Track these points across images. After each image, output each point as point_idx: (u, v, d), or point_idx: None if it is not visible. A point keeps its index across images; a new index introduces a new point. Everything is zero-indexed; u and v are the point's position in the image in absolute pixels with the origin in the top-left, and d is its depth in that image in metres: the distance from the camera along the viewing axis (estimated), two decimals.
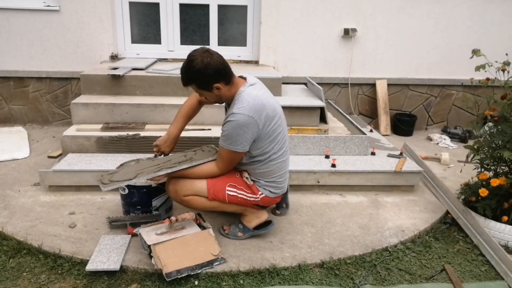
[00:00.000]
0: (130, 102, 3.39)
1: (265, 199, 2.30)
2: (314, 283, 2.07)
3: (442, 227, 2.65)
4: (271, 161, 2.21)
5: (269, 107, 2.11)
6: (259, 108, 2.06)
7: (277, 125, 2.15)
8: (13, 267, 2.12)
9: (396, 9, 4.37)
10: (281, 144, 2.21)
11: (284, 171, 2.30)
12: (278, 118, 2.16)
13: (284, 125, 2.25)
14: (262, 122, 2.07)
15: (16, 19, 4.07)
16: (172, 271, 2.00)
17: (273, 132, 2.14)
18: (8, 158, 3.43)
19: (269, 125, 2.10)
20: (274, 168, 2.24)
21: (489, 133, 2.62)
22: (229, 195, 2.24)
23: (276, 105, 2.18)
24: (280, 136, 2.19)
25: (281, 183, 2.32)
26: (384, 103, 4.54)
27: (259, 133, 2.08)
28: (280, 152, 2.22)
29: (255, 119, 2.04)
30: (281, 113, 2.22)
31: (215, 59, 2.07)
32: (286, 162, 2.31)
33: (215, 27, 4.42)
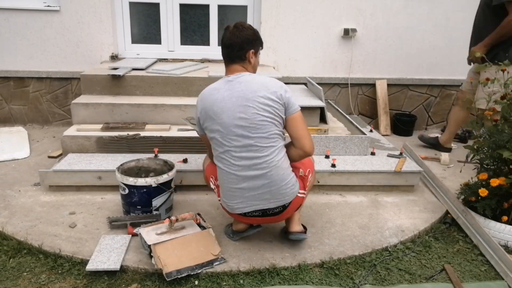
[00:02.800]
0: (130, 102, 3.39)
1: (223, 207, 2.23)
2: (314, 283, 2.07)
3: (442, 227, 2.65)
4: (216, 162, 2.14)
5: (212, 104, 2.05)
6: (204, 97, 2.12)
7: (209, 117, 2.06)
8: (13, 267, 2.12)
9: (396, 9, 4.37)
10: (214, 140, 2.07)
11: (223, 185, 2.11)
12: (213, 115, 2.04)
13: (226, 124, 2.02)
14: (199, 109, 2.12)
15: (16, 19, 4.07)
16: (172, 271, 2.00)
17: (207, 121, 2.08)
18: (8, 158, 3.43)
19: (202, 114, 2.10)
20: (218, 173, 2.14)
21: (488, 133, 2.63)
22: (210, 183, 2.34)
23: (221, 110, 2.03)
24: (211, 129, 2.06)
25: (225, 197, 2.14)
26: (384, 103, 4.54)
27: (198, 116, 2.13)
28: (215, 152, 2.10)
29: (198, 100, 2.15)
30: (224, 122, 2.02)
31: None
32: (228, 178, 2.07)
33: (215, 27, 4.42)
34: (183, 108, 3.40)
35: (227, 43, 2.09)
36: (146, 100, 3.47)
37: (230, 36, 2.08)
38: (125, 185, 2.41)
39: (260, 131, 2.01)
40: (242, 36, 2.07)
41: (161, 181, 2.42)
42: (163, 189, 2.45)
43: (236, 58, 2.10)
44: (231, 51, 2.10)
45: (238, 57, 2.10)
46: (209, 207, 2.74)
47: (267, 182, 2.04)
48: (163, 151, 3.15)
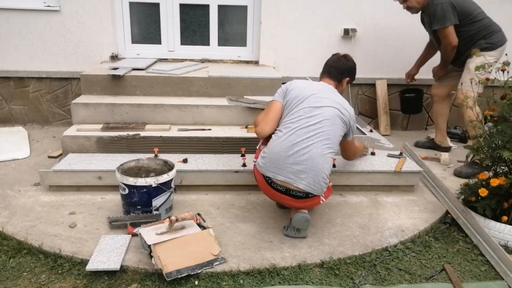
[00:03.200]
0: (130, 102, 3.40)
1: (254, 167, 2.48)
2: (314, 283, 2.07)
3: (442, 227, 2.65)
4: (275, 131, 2.41)
5: (299, 87, 2.46)
6: (292, 83, 2.52)
7: (294, 96, 2.41)
8: (13, 267, 2.12)
9: (396, 9, 4.36)
10: (287, 121, 2.36)
11: (273, 147, 2.34)
12: (299, 97, 2.40)
13: (306, 110, 2.35)
14: (287, 90, 2.47)
15: (16, 19, 4.07)
16: (172, 271, 2.00)
17: (290, 105, 2.41)
18: (8, 158, 3.43)
19: (289, 91, 2.46)
20: (272, 139, 2.39)
21: (488, 133, 2.63)
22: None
23: (308, 93, 2.41)
24: (290, 105, 2.40)
25: (265, 158, 2.35)
26: (384, 103, 4.54)
27: (285, 92, 2.48)
28: (283, 129, 2.35)
29: (290, 82, 2.54)
30: (308, 99, 2.39)
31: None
32: (283, 144, 2.31)
33: (215, 27, 4.42)
34: (183, 108, 3.41)
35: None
36: (146, 100, 3.47)
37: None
38: (125, 185, 2.41)
39: (331, 124, 2.37)
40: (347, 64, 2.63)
41: (161, 181, 2.42)
42: (163, 189, 2.45)
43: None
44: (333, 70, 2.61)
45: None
46: (209, 207, 2.74)
47: (311, 164, 2.28)
48: (163, 151, 3.15)
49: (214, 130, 3.34)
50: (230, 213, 2.67)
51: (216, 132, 3.30)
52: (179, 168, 2.83)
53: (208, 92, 3.68)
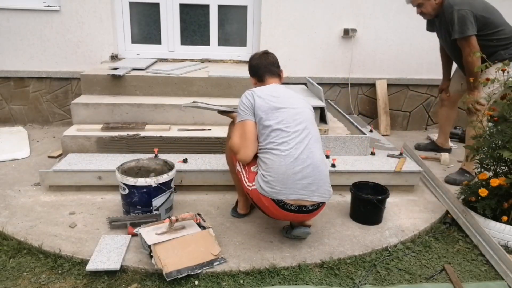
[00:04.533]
0: (130, 102, 3.39)
1: (254, 193, 2.21)
2: (314, 283, 2.07)
3: (442, 227, 2.65)
4: (267, 151, 2.19)
5: (263, 96, 2.26)
6: (262, 90, 2.31)
7: (269, 108, 2.22)
8: (13, 267, 2.12)
9: (396, 9, 4.37)
10: (278, 137, 2.17)
11: (276, 168, 2.13)
12: (274, 107, 2.22)
13: (290, 118, 2.21)
14: (258, 98, 2.25)
15: (16, 19, 4.07)
16: (172, 271, 2.00)
17: (267, 119, 2.20)
18: (8, 158, 3.43)
19: (261, 110, 2.22)
20: (270, 160, 2.16)
21: (488, 133, 2.63)
22: (236, 164, 2.38)
23: (274, 100, 2.25)
24: (270, 118, 2.20)
25: (270, 181, 2.13)
26: (384, 103, 4.54)
27: (253, 104, 2.25)
28: (280, 146, 2.16)
29: (252, 90, 2.31)
30: (288, 110, 2.23)
31: None
32: (286, 160, 2.13)
33: (215, 27, 4.42)
34: (183, 108, 3.40)
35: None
36: (146, 100, 3.47)
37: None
38: (125, 185, 2.41)
39: (314, 127, 2.33)
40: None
41: (161, 181, 2.42)
42: (163, 189, 2.45)
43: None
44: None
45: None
46: (209, 207, 2.74)
47: (317, 173, 2.18)
48: (163, 151, 3.15)
49: (214, 130, 3.34)
50: (231, 212, 2.67)
51: (216, 132, 3.30)
52: (179, 168, 2.83)
53: (208, 92, 3.68)
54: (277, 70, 2.47)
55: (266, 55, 2.46)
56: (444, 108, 3.81)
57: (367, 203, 2.56)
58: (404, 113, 4.73)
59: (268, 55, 2.46)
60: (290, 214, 2.21)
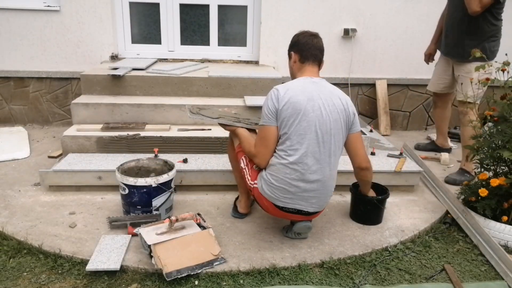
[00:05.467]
0: (130, 102, 3.40)
1: (255, 191, 2.24)
2: (314, 283, 2.07)
3: (442, 227, 2.65)
4: (277, 156, 2.14)
5: (297, 101, 2.08)
6: (287, 91, 2.10)
7: (297, 122, 2.07)
8: (13, 267, 2.12)
9: (396, 9, 4.37)
10: (294, 146, 2.09)
11: (284, 177, 2.11)
12: (302, 117, 2.07)
13: (312, 133, 2.08)
14: (282, 102, 2.08)
15: (16, 19, 4.07)
16: (172, 271, 2.00)
17: (289, 124, 2.08)
18: (8, 158, 3.43)
19: (287, 113, 2.07)
20: (277, 166, 2.13)
21: (488, 133, 2.63)
22: (240, 161, 2.36)
23: (307, 107, 2.08)
24: (296, 136, 2.08)
25: (276, 188, 2.14)
26: (384, 103, 4.54)
27: (277, 108, 2.09)
28: (288, 154, 2.10)
29: (277, 90, 2.12)
30: (312, 117, 2.08)
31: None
32: (293, 171, 2.10)
33: (215, 27, 4.42)
34: (183, 108, 3.40)
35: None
36: (146, 100, 3.47)
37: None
38: (125, 185, 2.41)
39: (336, 138, 2.15)
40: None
41: (161, 181, 2.42)
42: (163, 189, 2.45)
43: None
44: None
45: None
46: (209, 207, 2.74)
47: (322, 188, 2.18)
48: (163, 151, 3.15)
49: (214, 130, 3.34)
50: (231, 212, 2.67)
51: (216, 132, 3.30)
52: (179, 168, 2.83)
53: (208, 92, 3.68)
54: (321, 57, 2.25)
55: (317, 38, 2.23)
56: (437, 109, 3.82)
57: (367, 203, 2.56)
58: (404, 113, 4.73)
59: (318, 39, 2.24)
60: (288, 215, 2.28)
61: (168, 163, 2.67)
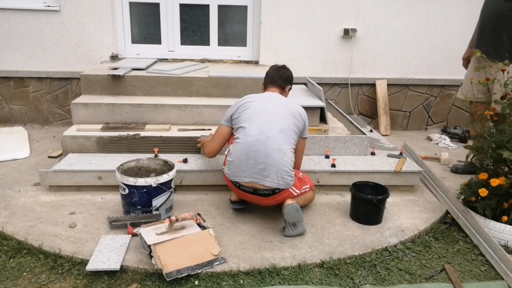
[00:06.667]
0: (130, 102, 3.39)
1: (224, 174, 2.56)
2: (314, 283, 2.07)
3: (442, 227, 2.65)
4: (234, 142, 2.49)
5: (246, 100, 2.56)
6: (246, 97, 2.60)
7: (244, 109, 2.50)
8: (13, 267, 2.12)
9: (396, 9, 4.37)
10: (244, 125, 2.45)
11: (234, 153, 2.43)
12: (247, 107, 2.50)
13: (255, 113, 2.46)
14: (240, 102, 2.57)
15: (16, 19, 4.07)
16: (172, 271, 2.00)
17: (239, 113, 2.52)
18: (8, 158, 3.43)
19: (238, 108, 2.54)
20: (233, 146, 2.47)
21: (488, 133, 2.63)
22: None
23: (253, 101, 2.53)
24: (242, 117, 2.49)
25: (230, 164, 2.45)
26: (384, 103, 4.54)
27: (234, 111, 2.56)
28: (238, 132, 2.47)
29: (241, 99, 2.61)
30: (255, 105, 2.50)
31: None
32: (241, 147, 2.40)
33: (215, 27, 4.42)
34: (183, 108, 3.41)
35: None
36: (146, 100, 3.47)
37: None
38: (125, 185, 2.41)
39: (286, 121, 2.47)
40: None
41: (161, 181, 2.42)
42: (163, 189, 2.45)
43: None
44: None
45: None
46: (209, 207, 2.74)
47: (271, 161, 2.37)
48: (163, 151, 3.15)
49: (214, 130, 3.33)
50: (230, 213, 2.67)
51: None
52: (179, 168, 2.84)
53: (208, 92, 3.68)
54: (282, 83, 2.69)
55: (280, 69, 2.71)
56: (475, 123, 3.29)
57: (367, 203, 2.57)
58: (404, 113, 4.73)
59: (281, 70, 2.71)
60: (247, 195, 2.48)
61: (168, 163, 2.67)
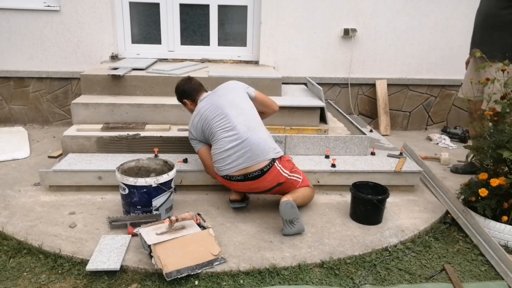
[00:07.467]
0: (130, 102, 3.39)
1: (217, 176, 2.63)
2: (314, 283, 2.07)
3: (442, 227, 2.65)
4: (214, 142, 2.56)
5: (201, 117, 2.61)
6: (195, 115, 2.66)
7: (210, 126, 2.56)
8: (13, 267, 2.12)
9: (396, 9, 4.38)
10: (213, 136, 2.54)
11: (216, 154, 2.52)
12: (214, 119, 2.56)
13: (219, 121, 2.53)
14: (195, 119, 2.64)
15: (16, 19, 4.08)
16: (172, 271, 2.00)
17: (209, 123, 2.59)
18: (8, 158, 3.43)
19: (202, 126, 2.61)
20: (213, 149, 2.55)
21: (488, 133, 2.63)
22: None
23: (209, 106, 2.61)
24: (214, 134, 2.56)
25: (216, 163, 2.54)
26: (384, 103, 4.54)
27: (198, 134, 2.66)
28: (214, 139, 2.54)
29: (190, 122, 2.70)
30: (216, 111, 2.57)
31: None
32: (219, 146, 2.50)
33: (215, 27, 4.42)
34: (183, 108, 3.40)
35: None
36: (146, 100, 3.47)
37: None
38: (125, 185, 2.41)
39: (240, 100, 2.62)
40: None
41: (161, 181, 2.42)
42: (163, 189, 2.45)
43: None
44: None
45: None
46: (209, 207, 2.74)
47: (249, 144, 2.46)
48: (163, 151, 3.15)
49: None
50: (230, 213, 2.67)
51: None
52: (179, 168, 2.84)
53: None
54: (200, 88, 2.81)
55: (191, 81, 2.81)
56: (474, 122, 3.45)
57: (367, 203, 2.56)
58: (404, 113, 4.73)
59: (191, 81, 2.81)
60: (240, 184, 2.53)
61: (168, 163, 2.67)
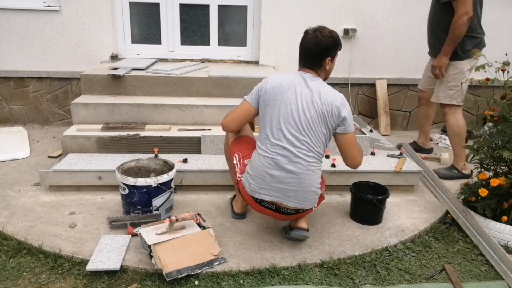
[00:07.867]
0: (130, 102, 3.40)
1: (240, 184, 2.28)
2: (314, 283, 2.07)
3: (442, 227, 2.65)
4: (257, 146, 2.22)
5: (275, 80, 2.21)
6: (272, 77, 2.26)
7: (271, 99, 2.16)
8: (13, 267, 2.12)
9: (396, 9, 4.37)
10: (267, 130, 2.15)
11: (258, 165, 2.14)
12: (275, 94, 2.15)
13: (280, 122, 2.12)
14: (267, 83, 2.22)
15: (16, 19, 4.07)
16: (172, 271, 2.00)
17: (265, 102, 2.19)
18: (8, 158, 3.43)
19: (263, 100, 2.21)
20: (254, 156, 2.21)
21: (488, 133, 2.63)
22: (233, 158, 2.39)
23: (282, 84, 2.17)
24: (268, 116, 2.15)
25: (251, 177, 2.17)
26: (384, 103, 4.54)
27: (258, 95, 2.24)
28: (263, 141, 2.16)
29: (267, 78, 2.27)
30: (285, 95, 2.13)
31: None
32: (264, 162, 2.13)
33: (215, 27, 4.42)
34: (183, 108, 3.41)
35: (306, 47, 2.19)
36: (146, 100, 3.47)
37: (309, 41, 2.17)
38: (125, 185, 2.41)
39: (313, 134, 2.12)
40: (321, 45, 2.15)
41: (161, 181, 2.42)
42: (163, 189, 2.45)
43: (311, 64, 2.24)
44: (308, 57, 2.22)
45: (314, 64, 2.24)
46: (209, 207, 2.74)
47: (298, 182, 2.12)
48: (163, 151, 3.15)
49: (214, 130, 3.34)
50: (230, 213, 2.67)
51: (216, 132, 3.29)
52: (179, 168, 2.84)
53: (208, 92, 3.68)
54: (315, 61, 2.20)
55: (314, 37, 2.13)
56: (422, 107, 3.79)
57: (367, 203, 2.56)
58: (404, 113, 4.73)
59: (315, 38, 2.13)
60: (267, 211, 2.24)
61: (168, 163, 2.67)
